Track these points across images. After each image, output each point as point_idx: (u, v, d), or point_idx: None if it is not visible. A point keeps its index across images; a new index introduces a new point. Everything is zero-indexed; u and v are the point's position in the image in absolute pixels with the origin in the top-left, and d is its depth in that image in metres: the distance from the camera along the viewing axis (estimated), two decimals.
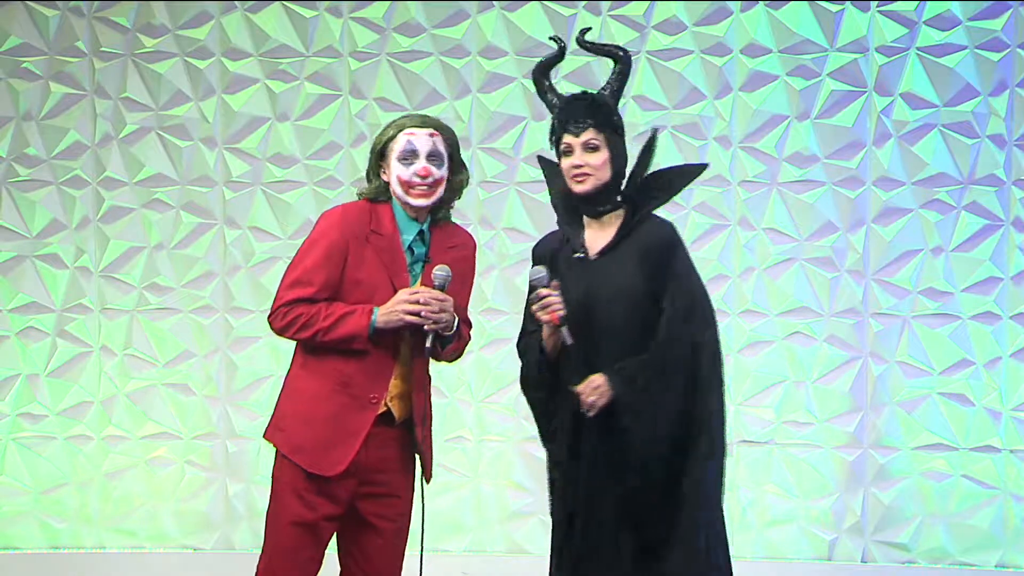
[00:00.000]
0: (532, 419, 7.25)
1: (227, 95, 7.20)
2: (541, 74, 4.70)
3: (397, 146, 4.56)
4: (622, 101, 7.08)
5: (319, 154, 7.18)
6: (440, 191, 4.57)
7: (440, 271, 4.51)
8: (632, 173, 4.61)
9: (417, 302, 4.48)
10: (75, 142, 7.23)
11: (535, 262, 4.64)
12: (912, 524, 7.01)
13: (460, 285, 4.63)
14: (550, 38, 4.85)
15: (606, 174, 4.53)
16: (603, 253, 4.55)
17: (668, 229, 4.59)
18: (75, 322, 7.24)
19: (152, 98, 7.21)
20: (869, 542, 7.08)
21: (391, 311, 4.50)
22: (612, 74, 4.72)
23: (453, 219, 4.71)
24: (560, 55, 4.74)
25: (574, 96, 4.65)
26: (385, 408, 4.57)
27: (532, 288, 4.55)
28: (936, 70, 7.00)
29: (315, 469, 4.53)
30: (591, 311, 4.50)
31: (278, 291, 4.58)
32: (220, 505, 7.19)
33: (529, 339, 4.72)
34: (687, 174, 4.73)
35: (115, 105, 7.22)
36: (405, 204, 4.57)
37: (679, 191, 4.67)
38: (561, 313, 4.46)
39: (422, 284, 4.55)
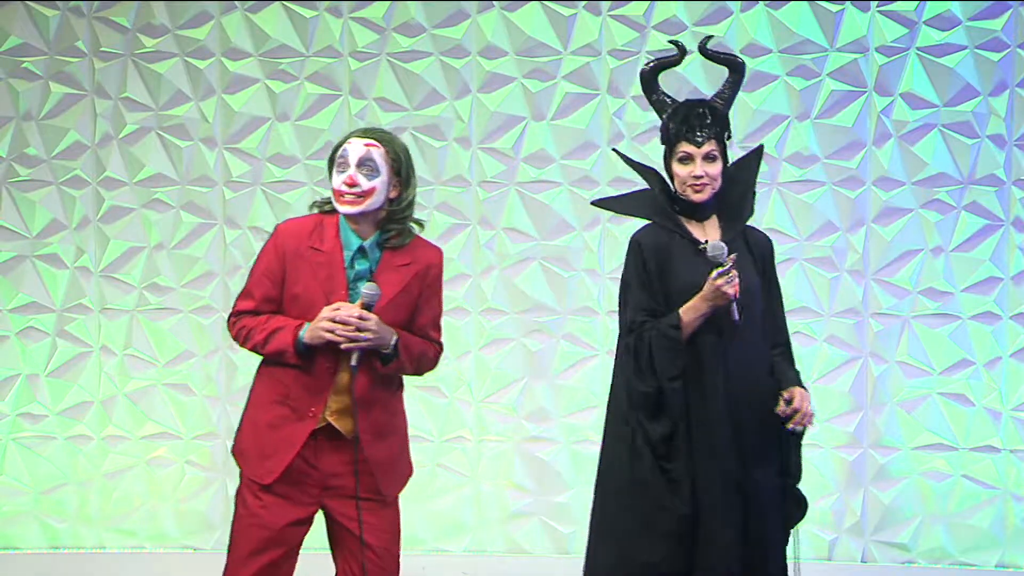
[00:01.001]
0: (532, 419, 7.28)
1: (227, 95, 7.20)
2: (653, 75, 4.79)
3: (336, 154, 4.55)
4: (621, 101, 7.16)
5: (319, 154, 7.18)
6: (370, 202, 4.48)
7: (367, 289, 4.44)
8: (733, 182, 4.73)
9: (334, 319, 4.43)
10: (75, 142, 7.23)
11: (644, 252, 4.68)
12: (912, 524, 7.01)
13: (416, 303, 4.56)
14: (669, 42, 4.91)
15: (719, 183, 4.68)
16: None
17: (767, 235, 4.85)
18: (75, 322, 7.24)
19: (152, 98, 7.22)
20: (869, 542, 7.08)
21: (313, 328, 4.48)
22: (726, 82, 4.81)
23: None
24: (679, 59, 4.83)
25: (692, 104, 4.75)
26: (325, 423, 4.54)
27: (714, 263, 4.54)
28: (936, 70, 7.00)
29: (251, 475, 4.61)
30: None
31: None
32: (220, 505, 7.19)
33: (656, 326, 4.64)
34: (751, 193, 4.88)
35: (115, 105, 7.22)
36: (344, 216, 4.53)
37: (752, 208, 4.86)
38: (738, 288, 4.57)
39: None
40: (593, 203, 4.99)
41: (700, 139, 4.65)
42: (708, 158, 4.64)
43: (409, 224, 4.58)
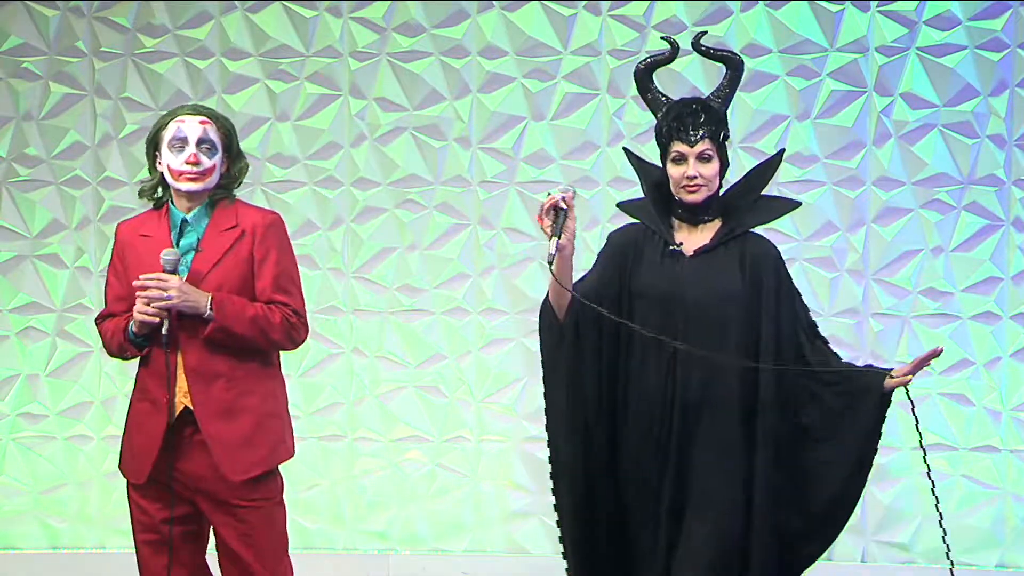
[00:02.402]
0: (531, 419, 7.28)
1: (227, 95, 7.20)
2: (647, 73, 4.68)
3: (167, 134, 4.55)
4: (621, 101, 7.15)
5: (319, 154, 7.18)
6: (212, 179, 4.55)
7: (166, 255, 4.46)
8: (743, 189, 4.64)
9: (137, 291, 4.44)
10: (75, 142, 7.23)
11: (615, 248, 4.59)
12: (912, 524, 7.01)
13: (250, 267, 4.54)
14: (662, 38, 4.80)
15: (716, 184, 4.53)
16: (698, 253, 4.54)
17: (773, 245, 4.63)
18: (75, 322, 7.24)
19: (152, 98, 7.21)
20: (869, 542, 7.08)
21: (133, 311, 4.51)
22: (724, 79, 4.67)
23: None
24: (672, 56, 4.71)
25: (686, 101, 4.62)
26: (183, 407, 4.53)
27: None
28: (936, 70, 7.00)
29: (129, 476, 4.66)
30: (683, 305, 4.47)
31: None
32: None
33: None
34: (787, 206, 4.76)
35: (115, 105, 7.22)
36: (176, 193, 4.55)
37: (772, 220, 4.70)
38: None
39: (191, 274, 4.50)
40: (619, 206, 4.85)
41: (693, 138, 4.49)
42: (702, 158, 4.49)
43: (232, 192, 4.62)
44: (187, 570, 4.68)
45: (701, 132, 4.50)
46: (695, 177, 4.49)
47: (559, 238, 4.35)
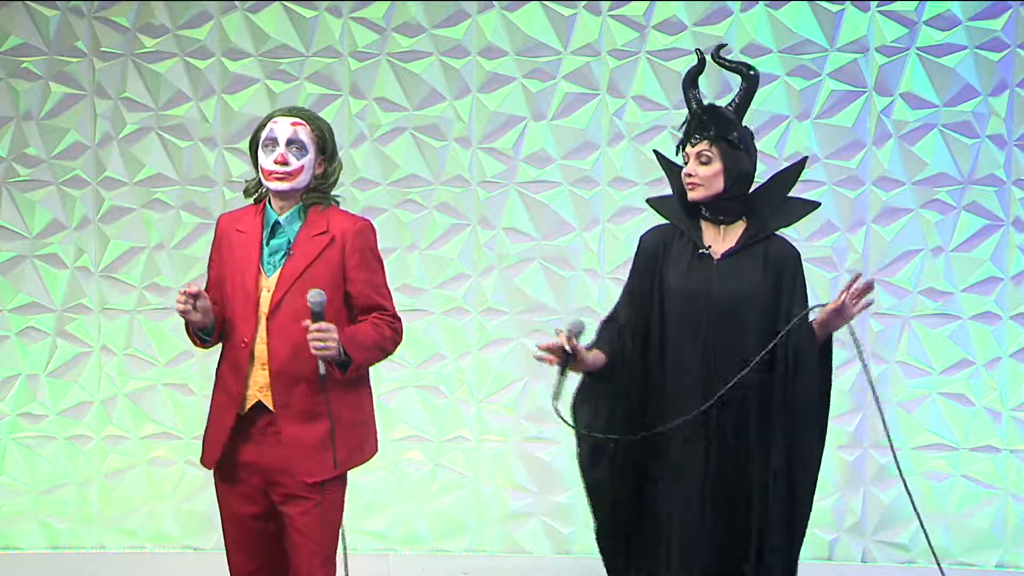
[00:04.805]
0: (532, 419, 7.28)
1: (227, 95, 7.20)
2: (689, 85, 4.91)
3: (263, 135, 4.69)
4: (621, 101, 7.15)
5: None
6: (300, 179, 4.64)
7: (311, 297, 4.52)
8: (767, 192, 4.88)
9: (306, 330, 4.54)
10: (75, 142, 7.23)
11: (644, 251, 4.88)
12: (912, 524, 7.01)
13: (341, 272, 4.65)
14: (695, 51, 5.01)
15: (718, 185, 4.76)
16: (726, 256, 4.79)
17: (794, 247, 4.93)
18: (75, 322, 7.24)
19: (152, 98, 7.22)
20: (869, 542, 7.08)
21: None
22: (739, 89, 4.91)
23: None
24: (702, 66, 4.94)
25: (701, 107, 4.85)
26: (256, 401, 4.62)
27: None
28: (936, 70, 7.00)
29: (203, 461, 4.77)
30: (713, 306, 4.73)
31: None
32: None
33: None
34: (807, 207, 5.04)
35: (115, 105, 7.22)
36: (272, 193, 4.68)
37: (793, 223, 5.00)
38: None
39: (281, 277, 4.61)
40: (648, 201, 5.08)
41: (694, 140, 4.77)
42: (700, 158, 4.74)
43: (328, 198, 4.73)
44: (270, 567, 4.77)
45: (702, 135, 4.76)
46: (692, 176, 4.76)
47: (564, 377, 4.67)
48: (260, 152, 4.67)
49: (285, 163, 4.60)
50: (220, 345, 4.76)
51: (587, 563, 7.07)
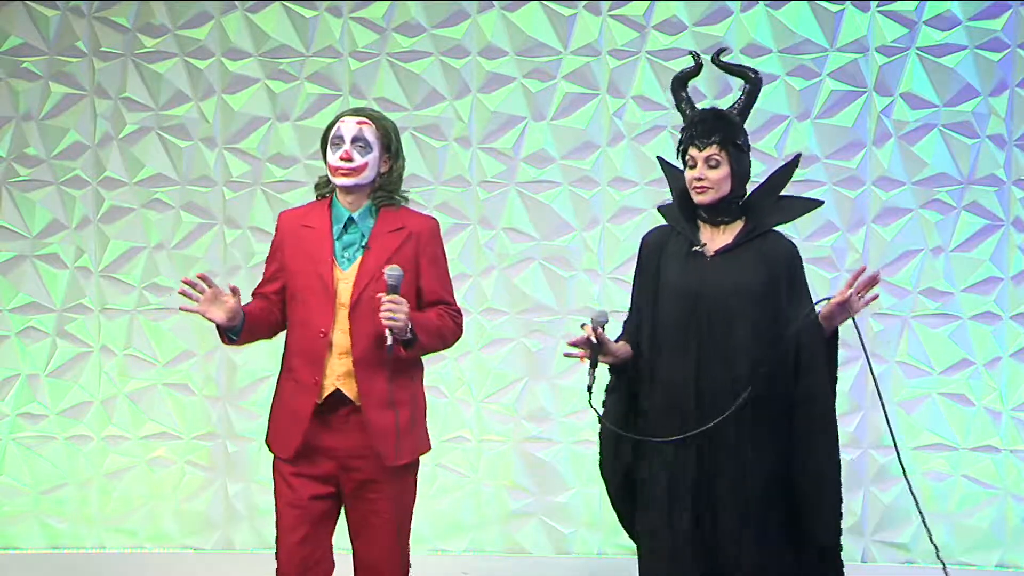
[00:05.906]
0: (532, 419, 7.28)
1: (227, 95, 7.20)
2: (679, 86, 4.96)
3: (331, 133, 4.84)
4: (621, 101, 7.15)
5: (319, 154, 7.13)
6: (364, 175, 4.77)
7: (388, 270, 4.67)
8: (764, 190, 4.94)
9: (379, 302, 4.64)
10: (75, 142, 7.24)
11: (645, 251, 4.93)
12: (912, 524, 7.01)
13: (416, 268, 4.79)
14: (689, 53, 5.05)
15: (725, 188, 4.80)
16: (720, 253, 4.81)
17: (793, 244, 4.95)
18: (75, 322, 7.24)
19: (152, 98, 7.22)
20: (869, 542, 7.08)
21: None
22: (742, 93, 4.95)
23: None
24: (697, 70, 4.98)
25: (703, 111, 4.90)
26: (334, 389, 4.71)
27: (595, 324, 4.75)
28: (936, 70, 7.00)
29: (276, 451, 4.81)
30: (705, 301, 4.76)
31: None
32: (220, 505, 7.20)
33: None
34: (808, 205, 5.10)
35: (115, 105, 7.22)
36: (339, 190, 4.81)
37: (793, 219, 5.06)
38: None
39: (361, 270, 4.72)
40: (657, 207, 5.12)
41: (702, 144, 4.77)
42: (710, 163, 4.76)
43: (398, 196, 4.85)
44: (320, 549, 4.82)
45: (710, 139, 4.77)
46: (702, 179, 4.78)
47: (595, 368, 4.72)
48: (328, 150, 4.81)
49: (350, 159, 4.75)
50: (244, 343, 4.84)
51: (587, 563, 7.09)
